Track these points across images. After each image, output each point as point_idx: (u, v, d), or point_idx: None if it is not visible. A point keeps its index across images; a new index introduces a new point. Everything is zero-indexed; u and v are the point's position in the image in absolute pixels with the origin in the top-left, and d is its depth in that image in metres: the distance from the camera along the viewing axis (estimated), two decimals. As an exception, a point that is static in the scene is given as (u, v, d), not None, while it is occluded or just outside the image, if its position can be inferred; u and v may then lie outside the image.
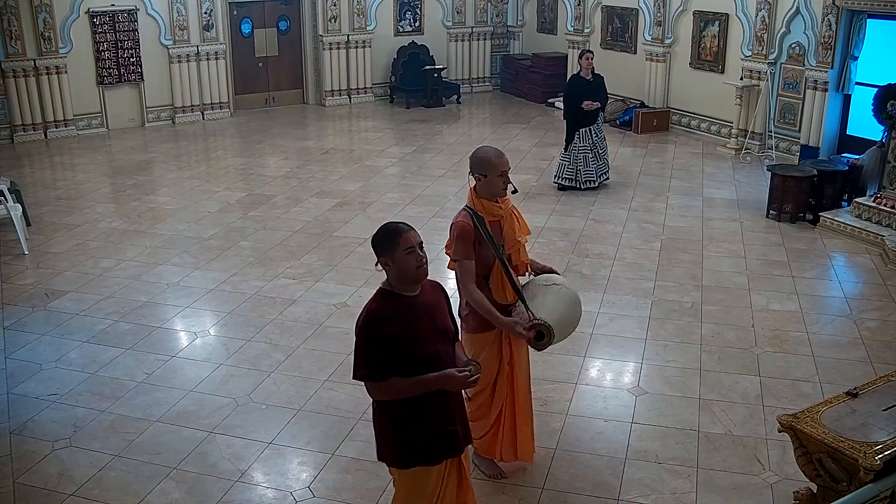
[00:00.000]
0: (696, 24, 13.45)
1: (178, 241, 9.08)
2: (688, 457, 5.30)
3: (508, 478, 5.08)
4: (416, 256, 3.64)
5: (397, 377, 3.62)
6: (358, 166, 12.08)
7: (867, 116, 9.80)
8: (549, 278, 4.79)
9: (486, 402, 4.92)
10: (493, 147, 4.76)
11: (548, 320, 4.49)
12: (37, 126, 13.44)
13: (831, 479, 3.93)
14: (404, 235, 3.64)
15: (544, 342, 4.53)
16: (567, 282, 4.84)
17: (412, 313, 3.68)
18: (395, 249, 3.63)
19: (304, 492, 4.98)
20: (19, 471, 5.17)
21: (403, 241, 3.62)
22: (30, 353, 6.65)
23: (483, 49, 17.54)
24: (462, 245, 4.57)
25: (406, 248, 3.62)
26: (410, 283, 3.70)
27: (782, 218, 9.60)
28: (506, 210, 4.71)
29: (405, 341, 3.62)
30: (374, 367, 3.62)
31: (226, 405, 5.90)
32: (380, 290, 3.75)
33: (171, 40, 14.28)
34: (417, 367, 3.64)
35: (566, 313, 4.64)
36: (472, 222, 4.57)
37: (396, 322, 3.63)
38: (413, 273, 3.66)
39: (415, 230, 3.72)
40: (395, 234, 3.65)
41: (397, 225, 3.71)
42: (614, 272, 8.20)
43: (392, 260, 3.65)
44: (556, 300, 4.60)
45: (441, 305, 3.87)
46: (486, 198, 4.64)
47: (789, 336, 6.90)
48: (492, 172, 4.58)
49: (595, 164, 10.61)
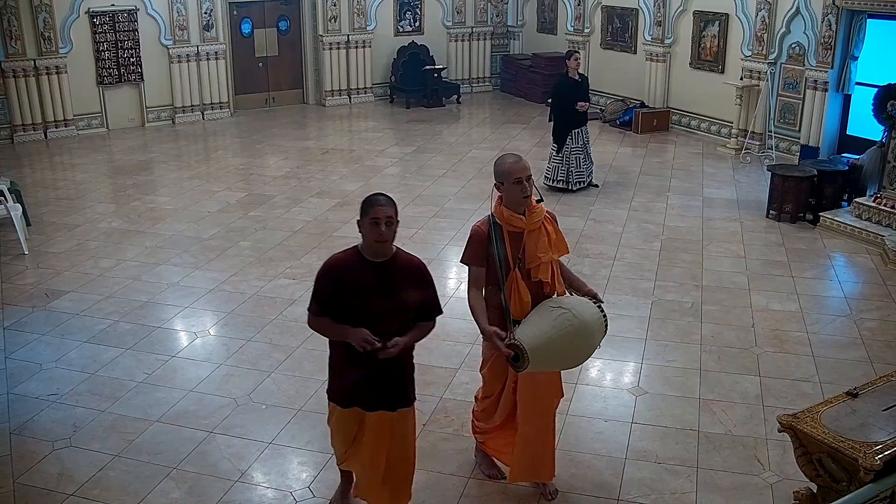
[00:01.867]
0: (696, 24, 13.45)
1: (178, 241, 9.08)
2: (688, 457, 5.30)
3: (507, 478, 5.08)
4: (378, 230, 3.95)
5: (328, 319, 4.11)
6: (358, 166, 12.08)
7: (867, 116, 9.80)
8: (561, 301, 4.50)
9: (490, 408, 4.87)
10: (514, 154, 4.60)
11: (525, 344, 4.23)
12: (37, 126, 13.44)
13: (831, 479, 3.93)
14: (375, 207, 3.96)
15: (519, 364, 4.29)
16: (585, 308, 4.46)
17: (365, 277, 4.02)
18: (364, 217, 4.00)
19: (304, 492, 4.98)
20: (19, 471, 5.17)
21: (372, 212, 3.96)
22: (30, 353, 6.65)
23: (483, 49, 17.54)
24: (470, 249, 4.54)
25: (372, 219, 3.95)
26: (373, 252, 4.06)
27: (782, 218, 9.60)
28: (531, 223, 4.49)
29: (341, 292, 4.03)
30: (315, 304, 4.14)
31: (226, 405, 5.90)
32: (354, 247, 4.15)
33: (171, 40, 14.28)
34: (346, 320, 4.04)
35: (555, 341, 4.30)
36: (487, 230, 4.49)
37: (346, 277, 4.04)
38: (371, 244, 4.03)
39: (389, 205, 4.00)
40: (369, 203, 4.00)
41: (376, 197, 4.04)
42: (614, 272, 8.20)
43: (362, 225, 4.03)
44: (547, 325, 4.32)
45: (404, 285, 4.08)
46: (510, 207, 4.48)
47: (789, 336, 6.90)
48: (507, 180, 4.46)
49: (585, 164, 10.61)
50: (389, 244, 4.04)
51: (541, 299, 4.52)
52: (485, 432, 5.02)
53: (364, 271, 4.03)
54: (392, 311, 4.06)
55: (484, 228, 4.51)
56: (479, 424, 5.01)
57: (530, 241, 4.50)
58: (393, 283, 4.05)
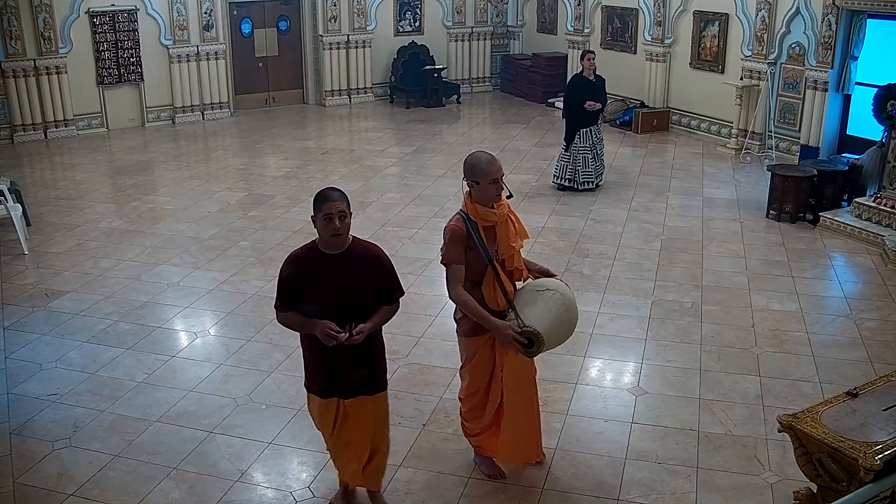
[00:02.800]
0: (696, 24, 13.45)
1: (178, 241, 9.08)
2: (688, 457, 5.30)
3: (508, 478, 5.08)
4: (332, 226, 4.07)
5: (294, 312, 4.23)
6: (358, 166, 12.08)
7: (867, 116, 9.80)
8: (542, 283, 4.69)
9: (479, 403, 4.90)
10: (485, 152, 4.63)
11: (538, 328, 4.40)
12: (37, 126, 13.44)
13: (831, 479, 3.93)
14: (326, 203, 4.08)
15: (533, 350, 4.44)
16: (562, 286, 4.71)
17: (324, 269, 4.15)
18: (317, 213, 4.11)
19: (304, 492, 4.99)
20: (19, 471, 5.17)
21: (325, 208, 4.07)
22: (30, 353, 6.65)
23: (483, 49, 17.54)
24: (452, 249, 4.53)
25: (325, 215, 4.07)
26: (329, 245, 4.17)
27: (782, 218, 9.60)
28: (500, 215, 4.60)
29: (303, 288, 4.18)
30: (279, 300, 4.28)
31: (226, 405, 5.90)
32: (312, 241, 4.28)
33: (171, 40, 14.28)
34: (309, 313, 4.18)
35: (558, 320, 4.53)
36: (465, 227, 4.54)
37: (306, 271, 4.17)
38: (327, 238, 4.14)
39: (341, 200, 4.13)
40: (320, 199, 4.11)
41: (326, 192, 4.16)
42: (614, 272, 8.20)
43: (316, 221, 4.14)
44: (546, 307, 4.51)
45: (361, 272, 4.20)
46: (480, 203, 4.56)
47: (789, 336, 6.90)
48: (483, 179, 4.49)
49: (594, 164, 10.61)
50: (344, 237, 4.16)
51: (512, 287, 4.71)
52: (477, 434, 5.04)
53: (322, 264, 4.16)
54: (353, 300, 4.19)
55: (462, 226, 4.55)
56: (469, 426, 5.04)
57: (501, 232, 4.64)
58: (351, 273, 4.17)
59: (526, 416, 4.95)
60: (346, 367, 4.29)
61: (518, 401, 4.87)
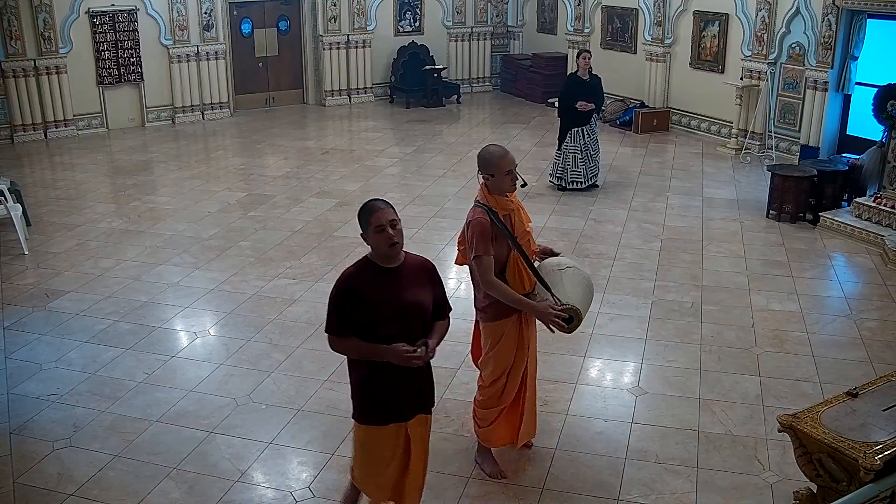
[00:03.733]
0: (696, 24, 13.45)
1: (178, 241, 9.08)
2: (688, 457, 5.30)
3: (508, 477, 5.08)
4: (386, 235, 3.86)
5: (355, 338, 3.90)
6: (358, 166, 12.08)
7: (867, 116, 9.80)
8: (559, 262, 4.87)
9: (499, 389, 4.96)
10: (497, 146, 4.79)
11: (574, 303, 4.61)
12: (37, 126, 13.44)
13: (831, 479, 3.93)
14: (375, 215, 3.87)
15: (573, 325, 4.64)
16: (575, 262, 4.95)
17: (382, 285, 3.91)
18: (367, 228, 3.90)
19: (304, 492, 4.99)
20: (19, 471, 5.17)
21: (374, 220, 3.86)
22: (30, 353, 6.65)
23: (483, 49, 17.54)
24: (483, 242, 4.62)
25: (376, 227, 3.86)
26: (386, 258, 3.94)
27: (782, 218, 9.60)
28: (515, 203, 4.83)
29: (365, 309, 3.87)
30: (336, 324, 3.93)
31: (226, 405, 5.90)
32: (364, 258, 4.03)
33: (171, 40, 14.28)
34: (370, 334, 3.88)
35: (586, 293, 4.77)
36: (489, 218, 4.65)
37: (364, 290, 3.89)
38: (385, 250, 3.90)
39: (388, 209, 3.91)
40: (368, 212, 3.90)
41: (372, 203, 3.94)
42: (614, 272, 8.20)
43: (367, 236, 3.92)
44: (573, 283, 4.71)
45: (419, 285, 4.01)
46: (497, 193, 4.71)
47: (789, 336, 6.90)
48: (498, 172, 4.66)
49: (584, 165, 10.57)
50: (401, 245, 3.94)
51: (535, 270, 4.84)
52: (489, 423, 5.05)
53: (381, 278, 3.92)
54: (413, 315, 3.98)
55: (486, 219, 4.65)
56: (484, 414, 5.05)
57: (517, 218, 4.82)
58: (409, 287, 3.97)
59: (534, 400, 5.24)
60: (404, 387, 4.04)
61: (533, 376, 5.15)
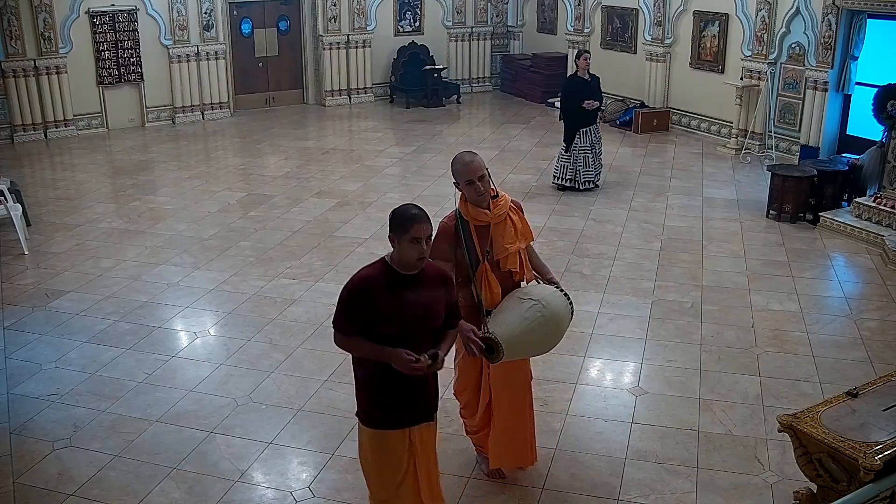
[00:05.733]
0: (696, 24, 13.45)
1: (178, 241, 9.08)
2: (688, 457, 5.30)
3: (507, 478, 5.08)
4: (419, 249, 3.79)
5: (361, 337, 3.87)
6: (358, 166, 12.08)
7: (867, 116, 9.80)
8: (530, 291, 4.61)
9: (471, 400, 4.95)
10: (469, 152, 4.62)
11: (499, 336, 4.34)
12: (37, 126, 13.44)
13: (831, 479, 3.93)
14: (415, 226, 3.76)
15: (494, 356, 4.40)
16: (551, 297, 4.58)
17: (399, 291, 3.84)
18: (402, 234, 3.78)
19: (304, 492, 4.99)
20: (19, 471, 5.17)
21: (413, 231, 3.76)
22: (30, 353, 6.65)
23: (483, 49, 17.54)
24: (437, 244, 4.44)
25: (412, 238, 3.77)
26: (407, 267, 3.87)
27: (782, 218, 9.60)
28: (496, 215, 4.58)
29: (376, 313, 3.81)
30: (344, 322, 3.88)
31: (226, 405, 5.90)
32: (381, 259, 3.94)
33: (171, 40, 14.27)
34: (378, 338, 3.84)
35: (529, 330, 4.44)
36: (455, 224, 4.56)
37: (377, 293, 3.82)
38: (411, 262, 3.84)
39: (428, 223, 3.81)
40: (408, 220, 3.78)
41: (414, 213, 3.82)
42: (614, 272, 8.20)
43: (398, 242, 3.81)
44: (519, 317, 4.44)
45: (435, 294, 3.95)
46: (473, 202, 4.55)
47: (789, 336, 6.90)
48: (461, 180, 4.51)
49: (594, 164, 10.61)
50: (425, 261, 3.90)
51: (511, 288, 4.66)
52: (475, 432, 5.07)
53: (398, 284, 3.85)
54: (426, 323, 3.94)
55: (451, 224, 4.59)
56: (466, 423, 5.10)
57: (497, 232, 4.59)
58: (427, 294, 3.92)
59: (516, 421, 4.90)
60: (411, 393, 3.99)
61: (507, 404, 4.84)
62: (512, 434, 4.92)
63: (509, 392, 4.83)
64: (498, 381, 4.79)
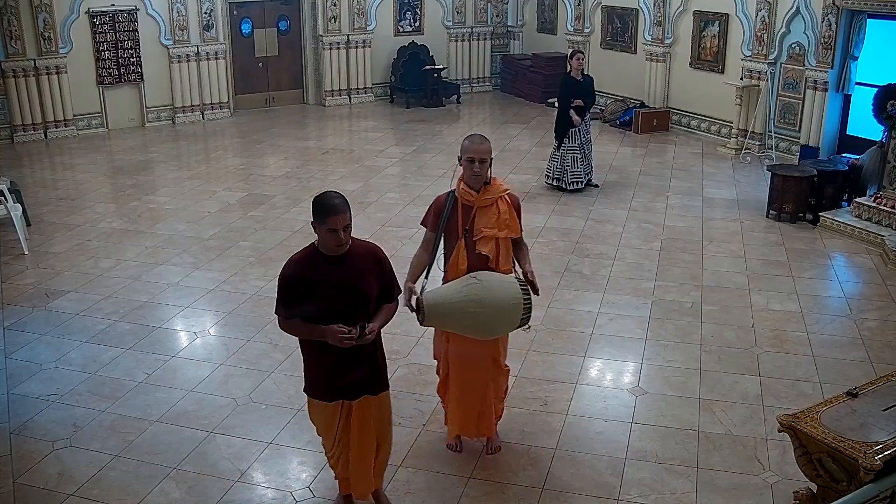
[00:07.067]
0: (696, 24, 13.45)
1: (178, 241, 9.08)
2: (688, 457, 5.30)
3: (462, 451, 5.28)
4: (336, 238, 4.05)
5: (298, 319, 4.17)
6: (358, 166, 12.08)
7: (867, 116, 9.80)
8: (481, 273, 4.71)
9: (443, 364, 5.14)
10: (480, 135, 4.90)
11: (426, 300, 4.55)
12: (37, 126, 13.44)
13: (831, 479, 3.93)
14: (332, 217, 4.01)
15: (419, 316, 4.58)
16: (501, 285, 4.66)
17: (327, 272, 4.11)
18: (321, 224, 4.05)
19: (304, 492, 4.99)
20: (19, 471, 5.17)
21: (330, 222, 4.02)
22: (30, 353, 6.65)
23: (483, 49, 17.54)
24: (427, 215, 4.97)
25: (329, 228, 4.03)
26: (331, 251, 4.13)
27: (782, 218, 9.60)
28: (482, 199, 4.82)
29: (306, 292, 4.11)
30: (281, 307, 4.20)
31: (226, 405, 5.90)
32: (311, 245, 4.23)
33: (171, 40, 14.27)
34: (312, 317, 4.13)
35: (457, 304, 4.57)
36: (446, 199, 4.88)
37: (306, 275, 4.12)
38: (330, 248, 4.11)
39: (346, 212, 4.06)
40: (325, 211, 4.03)
41: (333, 203, 4.05)
42: (614, 272, 8.20)
43: (318, 230, 4.10)
44: (454, 290, 4.63)
45: (363, 271, 4.19)
46: (466, 183, 4.85)
47: (789, 336, 6.90)
48: (464, 155, 4.79)
49: (583, 164, 10.60)
50: (346, 246, 4.13)
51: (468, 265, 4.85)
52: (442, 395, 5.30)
53: (324, 266, 4.13)
54: (357, 300, 4.18)
55: (443, 198, 4.92)
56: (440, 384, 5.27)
57: (479, 215, 4.84)
58: (354, 272, 4.16)
59: (473, 395, 5.06)
60: (350, 367, 4.26)
61: (463, 377, 5.03)
62: (467, 406, 5.11)
63: (464, 366, 5.00)
64: (454, 354, 5.00)
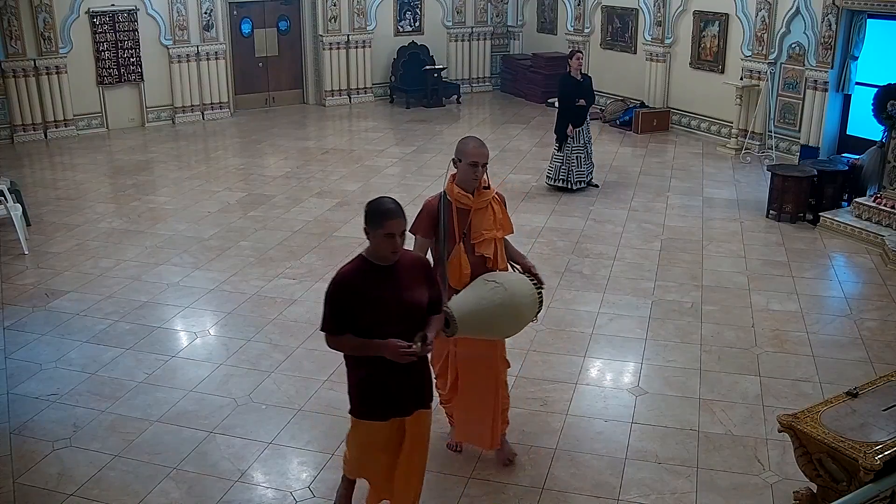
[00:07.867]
0: (696, 24, 13.45)
1: (178, 241, 9.07)
2: (688, 457, 5.30)
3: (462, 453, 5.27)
4: (393, 243, 3.91)
5: (351, 335, 3.96)
6: (358, 166, 12.08)
7: (867, 116, 9.80)
8: (498, 276, 4.72)
9: (444, 368, 5.06)
10: (478, 139, 4.83)
11: (454, 310, 4.46)
12: (37, 126, 13.44)
13: (831, 479, 3.93)
14: (389, 221, 3.88)
15: (449, 330, 4.49)
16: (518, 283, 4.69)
17: (378, 283, 3.96)
18: (377, 229, 3.91)
19: (304, 492, 4.99)
20: (19, 471, 5.17)
21: (387, 226, 3.88)
22: (30, 353, 6.64)
23: (483, 49, 17.54)
24: (419, 219, 4.77)
25: (386, 233, 3.89)
26: (383, 259, 4.00)
27: (782, 218, 9.60)
28: (478, 202, 4.76)
29: (360, 306, 3.93)
30: (332, 323, 3.98)
31: (226, 405, 5.90)
32: (359, 256, 4.07)
33: (171, 40, 14.27)
34: (365, 331, 3.94)
35: (485, 311, 4.53)
36: (438, 204, 4.75)
37: (360, 288, 3.94)
38: (386, 255, 3.97)
39: (402, 217, 3.93)
40: (382, 215, 3.91)
41: (389, 207, 3.93)
42: (614, 272, 8.20)
43: (372, 235, 3.95)
44: (478, 296, 4.56)
45: (415, 280, 4.06)
46: (461, 185, 4.76)
47: (789, 336, 6.90)
48: (465, 159, 4.71)
49: (586, 164, 10.62)
50: (400, 253, 4.00)
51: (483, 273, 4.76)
52: (446, 401, 5.21)
53: (376, 277, 3.96)
54: (409, 311, 4.02)
55: (434, 202, 4.78)
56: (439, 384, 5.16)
57: (476, 217, 4.78)
58: (405, 284, 4.01)
59: (480, 402, 4.97)
60: (403, 382, 4.09)
61: (470, 384, 4.97)
62: (472, 414, 5.04)
63: (472, 373, 4.95)
64: (463, 361, 4.95)
